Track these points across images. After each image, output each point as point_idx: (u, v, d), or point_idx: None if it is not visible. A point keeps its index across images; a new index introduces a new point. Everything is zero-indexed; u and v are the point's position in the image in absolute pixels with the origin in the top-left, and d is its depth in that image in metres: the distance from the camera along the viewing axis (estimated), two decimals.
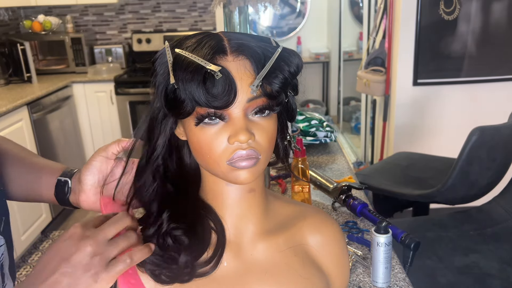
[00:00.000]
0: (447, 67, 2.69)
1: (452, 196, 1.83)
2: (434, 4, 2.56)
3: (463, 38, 2.63)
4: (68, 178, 0.70)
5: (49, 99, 3.11)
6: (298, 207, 0.68)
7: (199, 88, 0.51)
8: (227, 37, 0.55)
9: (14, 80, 3.33)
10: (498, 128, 1.74)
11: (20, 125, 2.75)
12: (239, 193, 0.61)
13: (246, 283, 0.61)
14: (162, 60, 0.55)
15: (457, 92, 2.75)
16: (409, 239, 1.10)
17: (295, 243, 0.64)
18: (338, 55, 4.69)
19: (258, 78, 0.52)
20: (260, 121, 0.55)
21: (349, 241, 1.18)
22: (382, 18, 2.82)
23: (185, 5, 3.89)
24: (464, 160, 1.71)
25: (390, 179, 2.14)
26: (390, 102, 2.86)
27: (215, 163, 0.55)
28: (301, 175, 1.27)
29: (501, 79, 2.72)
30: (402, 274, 1.04)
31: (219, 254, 0.59)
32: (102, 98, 3.50)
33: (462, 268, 1.57)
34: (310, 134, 1.76)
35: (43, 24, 3.61)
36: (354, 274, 1.05)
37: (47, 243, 2.91)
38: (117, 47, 3.78)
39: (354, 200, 1.29)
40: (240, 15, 1.39)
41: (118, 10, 3.89)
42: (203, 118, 0.53)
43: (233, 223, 0.62)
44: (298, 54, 0.57)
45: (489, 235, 1.74)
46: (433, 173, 2.14)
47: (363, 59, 3.05)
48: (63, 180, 0.70)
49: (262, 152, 0.55)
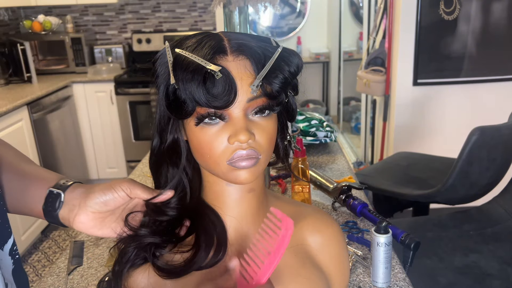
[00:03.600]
0: (447, 67, 2.69)
1: (452, 196, 1.82)
2: (434, 4, 2.56)
3: (463, 38, 2.63)
4: (61, 190, 0.61)
5: (49, 99, 3.11)
6: (298, 207, 0.68)
7: (199, 88, 0.51)
8: (227, 37, 0.55)
9: (14, 80, 3.33)
10: (498, 128, 1.74)
11: (20, 125, 2.75)
12: (239, 193, 0.61)
13: None
14: (163, 61, 0.55)
15: (457, 92, 2.75)
16: (409, 239, 1.10)
17: (295, 243, 0.64)
18: (338, 55, 4.69)
19: (258, 78, 0.52)
20: (260, 121, 0.55)
21: (349, 241, 1.18)
22: (382, 18, 2.82)
23: (185, 5, 3.89)
24: (464, 160, 1.71)
25: (390, 179, 2.14)
26: (390, 102, 2.86)
27: (215, 163, 0.55)
28: (301, 175, 1.27)
29: (501, 79, 2.73)
30: (402, 274, 1.04)
31: (223, 251, 0.59)
32: (102, 98, 3.50)
33: (462, 268, 1.57)
34: (310, 134, 1.76)
35: (43, 24, 3.61)
36: (354, 274, 1.05)
37: (47, 243, 2.91)
38: (117, 47, 3.78)
39: (354, 200, 1.29)
40: (240, 15, 1.39)
41: (118, 10, 3.89)
42: (203, 118, 0.53)
43: (233, 223, 0.62)
44: (298, 54, 0.57)
45: (489, 235, 1.74)
46: (433, 173, 2.14)
47: (363, 59, 3.06)
48: (55, 192, 0.61)
49: (262, 152, 0.55)
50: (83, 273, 1.09)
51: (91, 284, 1.04)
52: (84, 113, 3.53)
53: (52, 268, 1.12)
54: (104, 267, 1.10)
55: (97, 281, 1.03)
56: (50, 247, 2.86)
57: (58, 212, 0.61)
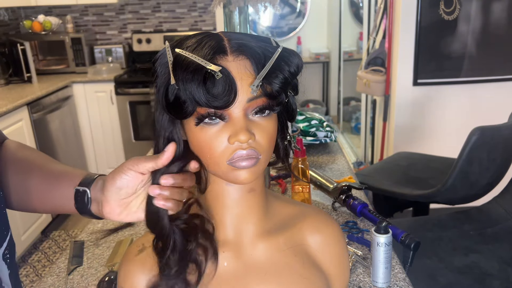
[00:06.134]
0: (447, 67, 2.69)
1: (452, 196, 1.83)
2: (434, 4, 2.56)
3: (463, 38, 2.63)
4: (86, 187, 0.63)
5: (49, 99, 3.11)
6: (298, 207, 0.68)
7: (199, 88, 0.51)
8: (227, 37, 0.55)
9: (14, 80, 3.33)
10: (498, 128, 1.74)
11: (20, 125, 2.75)
12: (239, 193, 0.60)
13: (246, 283, 0.61)
14: (163, 61, 0.55)
15: (457, 92, 2.75)
16: (409, 239, 1.11)
17: (295, 243, 0.64)
18: (338, 55, 4.69)
19: (258, 78, 0.52)
20: (260, 121, 0.55)
21: (349, 241, 1.18)
22: (382, 18, 2.82)
23: (185, 5, 3.89)
24: (464, 160, 1.71)
25: (390, 179, 2.14)
26: (390, 102, 2.86)
27: (215, 163, 0.55)
28: (301, 175, 1.27)
29: (501, 79, 2.73)
30: (402, 274, 1.04)
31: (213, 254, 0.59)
32: (102, 98, 3.50)
33: (462, 268, 1.57)
34: (310, 134, 1.76)
35: (43, 24, 3.61)
36: (354, 274, 1.05)
37: (47, 243, 2.91)
38: (117, 47, 3.78)
39: (354, 200, 1.29)
40: (240, 15, 1.39)
41: (118, 10, 3.89)
42: (203, 118, 0.53)
43: (233, 223, 0.62)
44: (298, 54, 0.57)
45: (489, 235, 1.74)
46: (433, 173, 2.14)
47: (363, 59, 3.05)
48: (81, 190, 0.63)
49: (262, 152, 0.55)
50: (83, 273, 1.09)
51: (91, 284, 1.04)
52: (84, 113, 3.54)
53: (52, 268, 1.12)
54: (104, 267, 1.10)
55: (97, 281, 1.03)
56: (50, 247, 2.86)
57: (90, 207, 0.63)
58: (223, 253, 0.61)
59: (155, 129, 0.59)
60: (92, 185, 0.63)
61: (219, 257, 0.61)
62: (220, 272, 0.60)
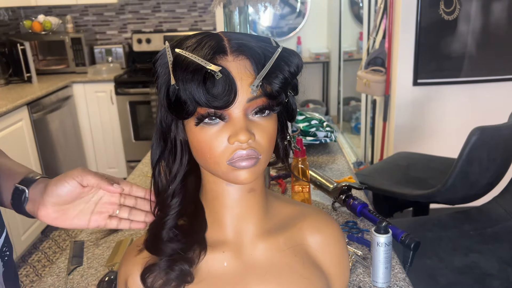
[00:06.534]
0: (447, 67, 2.69)
1: (452, 196, 1.82)
2: (434, 4, 2.56)
3: (463, 38, 2.63)
4: (26, 186, 0.64)
5: (49, 99, 3.11)
6: (298, 207, 0.68)
7: (199, 88, 0.51)
8: (227, 37, 0.55)
9: (14, 80, 3.33)
10: (498, 128, 1.74)
11: (20, 125, 2.75)
12: (239, 193, 0.60)
13: (246, 283, 0.61)
14: (163, 61, 0.55)
15: (457, 92, 2.75)
16: (409, 239, 1.11)
17: (295, 243, 0.64)
18: (338, 55, 4.69)
19: (258, 78, 0.52)
20: (260, 121, 0.55)
21: (349, 241, 1.18)
22: (382, 18, 2.82)
23: (185, 5, 3.89)
24: (464, 160, 1.71)
25: (390, 179, 2.14)
26: (390, 102, 2.86)
27: (215, 163, 0.55)
28: (301, 175, 1.27)
29: (501, 79, 2.73)
30: (402, 274, 1.04)
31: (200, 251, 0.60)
32: (102, 98, 3.50)
33: (462, 268, 1.57)
34: (310, 134, 1.76)
35: (43, 24, 3.61)
36: (354, 274, 1.05)
37: (47, 243, 2.91)
38: (117, 47, 3.78)
39: (354, 200, 1.29)
40: (240, 15, 1.39)
41: (118, 10, 3.89)
42: (203, 118, 0.53)
43: (233, 223, 0.62)
44: (298, 54, 0.57)
45: (489, 235, 1.74)
46: (433, 173, 2.14)
47: (363, 59, 3.05)
48: (20, 188, 0.64)
49: (262, 152, 0.55)
50: (83, 273, 1.09)
51: (91, 284, 1.04)
52: (84, 113, 3.54)
53: (52, 268, 1.12)
54: (104, 267, 1.10)
55: (97, 281, 1.03)
56: (50, 247, 2.87)
57: (25, 206, 0.64)
58: (223, 253, 0.61)
59: (155, 129, 0.59)
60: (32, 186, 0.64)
61: (219, 257, 0.61)
62: (220, 272, 0.60)
